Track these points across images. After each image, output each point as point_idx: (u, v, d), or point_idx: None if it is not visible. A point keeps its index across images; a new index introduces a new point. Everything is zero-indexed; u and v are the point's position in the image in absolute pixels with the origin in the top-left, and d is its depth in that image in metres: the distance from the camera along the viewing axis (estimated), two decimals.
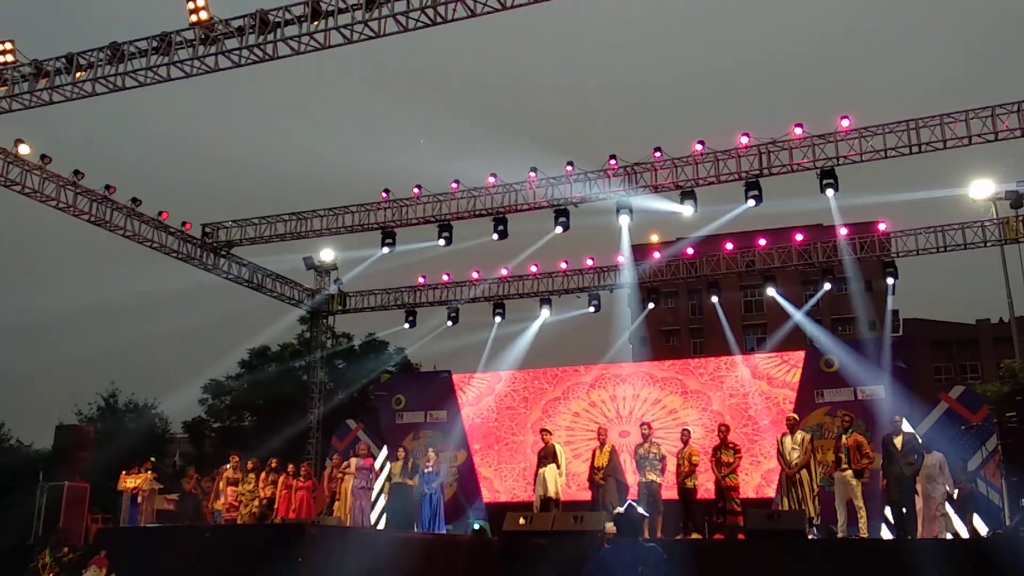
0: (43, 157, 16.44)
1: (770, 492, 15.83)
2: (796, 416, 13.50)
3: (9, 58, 14.72)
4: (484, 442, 18.94)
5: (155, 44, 14.17)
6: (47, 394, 58.33)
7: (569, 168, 16.88)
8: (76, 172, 16.98)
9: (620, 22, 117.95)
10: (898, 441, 12.07)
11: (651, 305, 19.69)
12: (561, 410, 18.50)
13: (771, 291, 18.43)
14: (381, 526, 16.01)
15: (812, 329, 18.03)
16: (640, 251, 19.27)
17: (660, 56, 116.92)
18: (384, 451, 18.65)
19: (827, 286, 18.11)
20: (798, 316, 18.62)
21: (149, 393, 40.17)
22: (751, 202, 15.64)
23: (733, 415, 16.53)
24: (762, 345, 18.68)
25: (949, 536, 12.16)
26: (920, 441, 12.66)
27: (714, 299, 18.86)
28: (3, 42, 14.76)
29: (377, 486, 16.68)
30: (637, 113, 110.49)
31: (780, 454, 12.81)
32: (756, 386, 17.18)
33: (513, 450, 18.54)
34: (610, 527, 11.40)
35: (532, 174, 17.15)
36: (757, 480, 16.38)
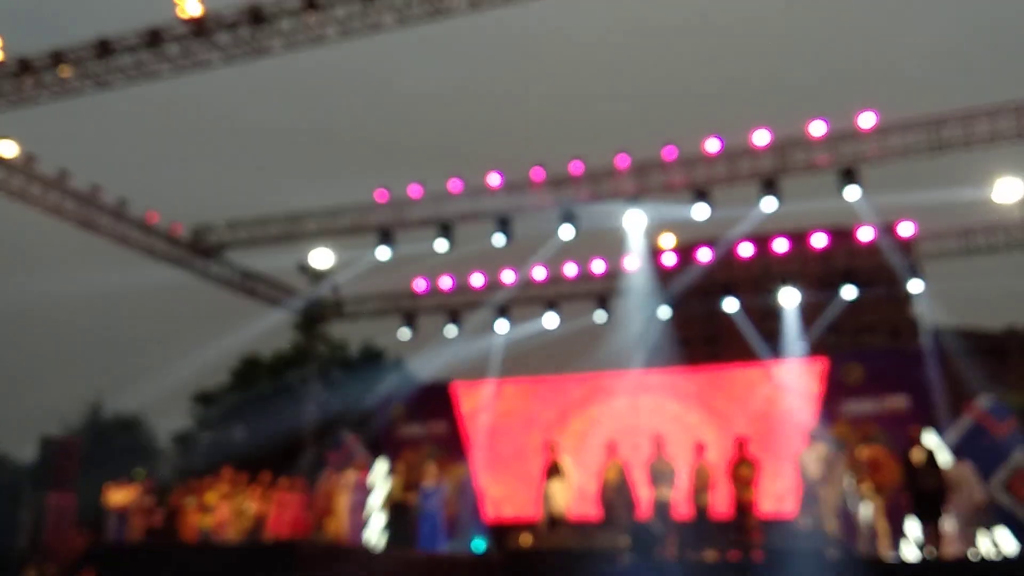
0: (28, 157, 15.96)
1: (790, 508, 15.30)
2: (816, 428, 13.04)
3: None
4: (487, 455, 18.36)
5: (145, 40, 13.75)
6: (32, 405, 57.85)
7: (575, 166, 16.31)
8: (61, 172, 16.49)
9: (625, 20, 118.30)
10: (917, 455, 11.56)
11: (665, 312, 19.07)
12: (575, 415, 17.94)
13: (784, 300, 17.84)
14: (378, 543, 15.52)
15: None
16: (651, 255, 18.72)
17: (668, 54, 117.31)
18: (381, 465, 18.09)
19: (851, 291, 17.46)
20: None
21: (136, 402, 39.86)
22: (771, 202, 15.05)
23: (755, 436, 15.92)
24: (780, 354, 18.24)
25: (974, 554, 11.67)
26: (944, 454, 12.23)
27: (734, 305, 18.21)
28: None
29: (374, 501, 16.16)
30: (645, 111, 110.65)
31: (800, 468, 12.36)
32: (767, 392, 16.74)
33: (518, 461, 17.96)
34: (624, 540, 10.99)
35: (536, 173, 16.55)
36: (778, 490, 15.84)
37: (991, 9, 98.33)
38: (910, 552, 13.00)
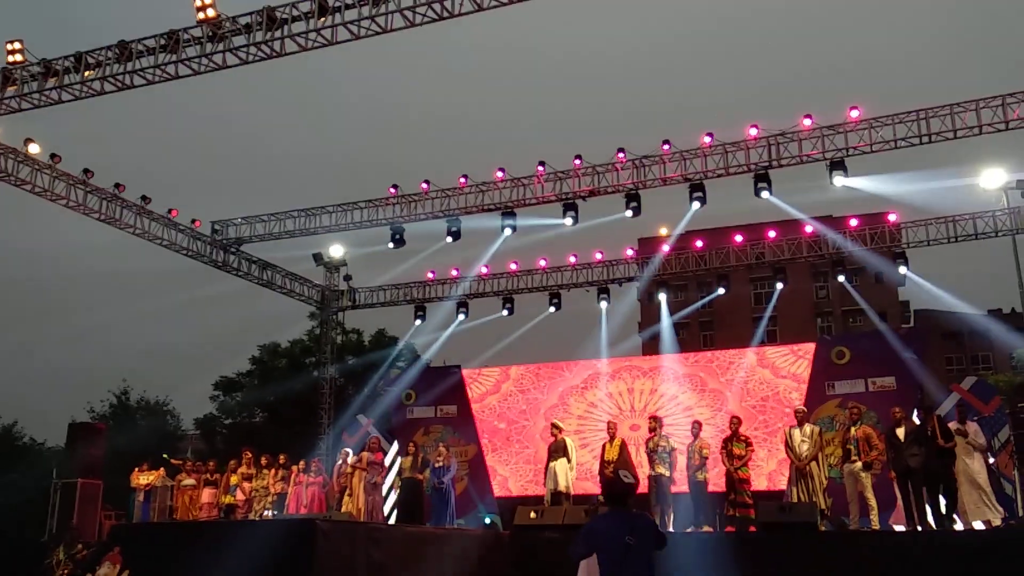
0: (52, 156, 16.50)
1: (782, 484, 15.76)
2: (805, 408, 13.47)
3: (18, 57, 14.74)
4: (495, 436, 18.95)
5: (163, 42, 14.19)
6: (60, 392, 58.53)
7: (577, 162, 16.86)
8: (86, 171, 17.04)
9: (627, 17, 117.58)
10: (900, 433, 11.89)
11: (664, 298, 19.52)
12: (576, 399, 18.51)
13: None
14: (392, 521, 15.99)
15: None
16: (649, 244, 19.19)
17: (667, 51, 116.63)
18: (394, 446, 18.67)
19: (842, 278, 17.95)
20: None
21: (161, 390, 40.58)
22: (763, 193, 15.55)
23: (747, 416, 16.40)
24: (772, 339, 18.59)
25: (978, 525, 11.94)
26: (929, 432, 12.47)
27: (721, 291, 18.70)
28: (12, 42, 14.80)
29: (388, 481, 16.67)
30: (645, 107, 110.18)
31: (788, 447, 12.72)
32: (759, 374, 17.21)
33: (524, 440, 18.53)
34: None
35: (540, 168, 17.11)
36: (770, 468, 16.34)
37: (979, 4, 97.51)
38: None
